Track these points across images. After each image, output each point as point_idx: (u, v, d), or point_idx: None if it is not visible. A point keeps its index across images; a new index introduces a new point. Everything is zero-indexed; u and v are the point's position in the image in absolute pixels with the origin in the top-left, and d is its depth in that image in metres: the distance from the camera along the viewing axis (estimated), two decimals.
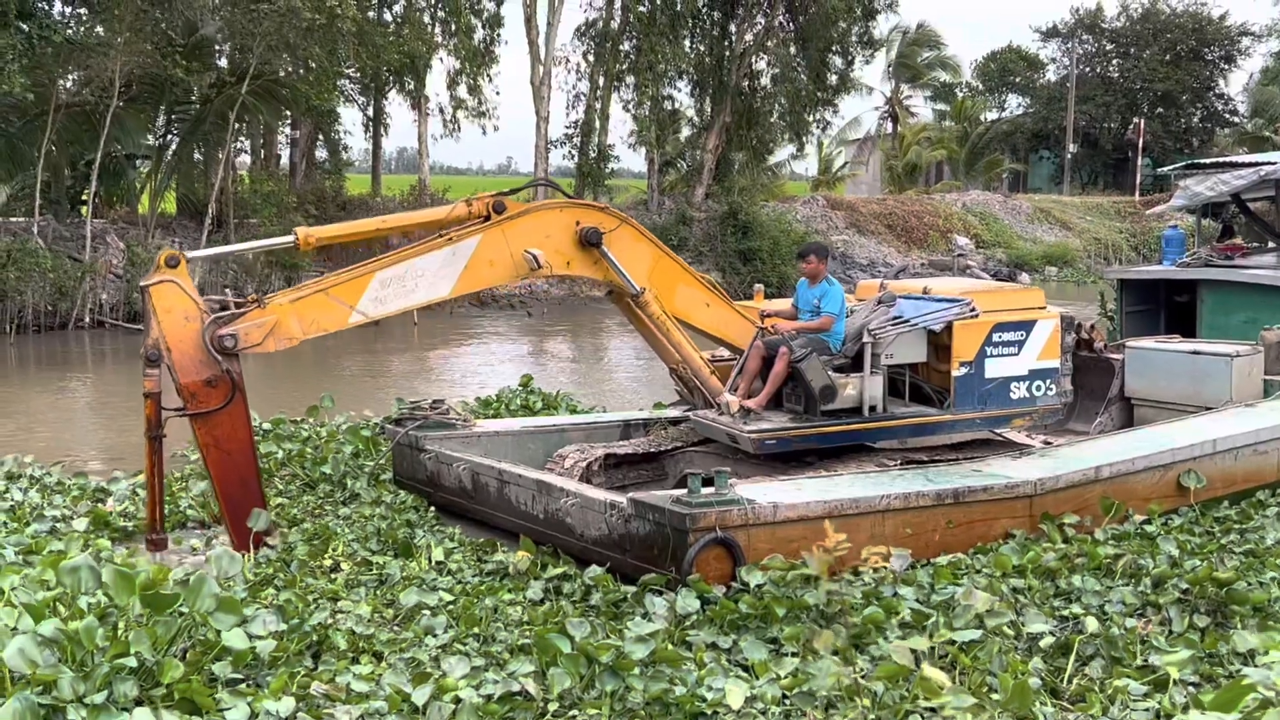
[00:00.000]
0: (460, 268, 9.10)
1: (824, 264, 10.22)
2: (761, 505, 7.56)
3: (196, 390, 8.04)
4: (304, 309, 8.52)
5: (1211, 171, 15.73)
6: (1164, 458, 9.67)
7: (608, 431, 11.17)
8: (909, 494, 8.23)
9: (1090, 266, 48.61)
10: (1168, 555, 7.82)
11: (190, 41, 28.85)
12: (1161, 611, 6.84)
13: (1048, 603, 6.96)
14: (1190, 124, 67.38)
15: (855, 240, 45.50)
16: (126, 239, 28.99)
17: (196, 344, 8.08)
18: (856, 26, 44.38)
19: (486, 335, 28.97)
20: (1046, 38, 72.00)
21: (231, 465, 8.24)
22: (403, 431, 10.34)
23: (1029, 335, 10.33)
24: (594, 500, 8.19)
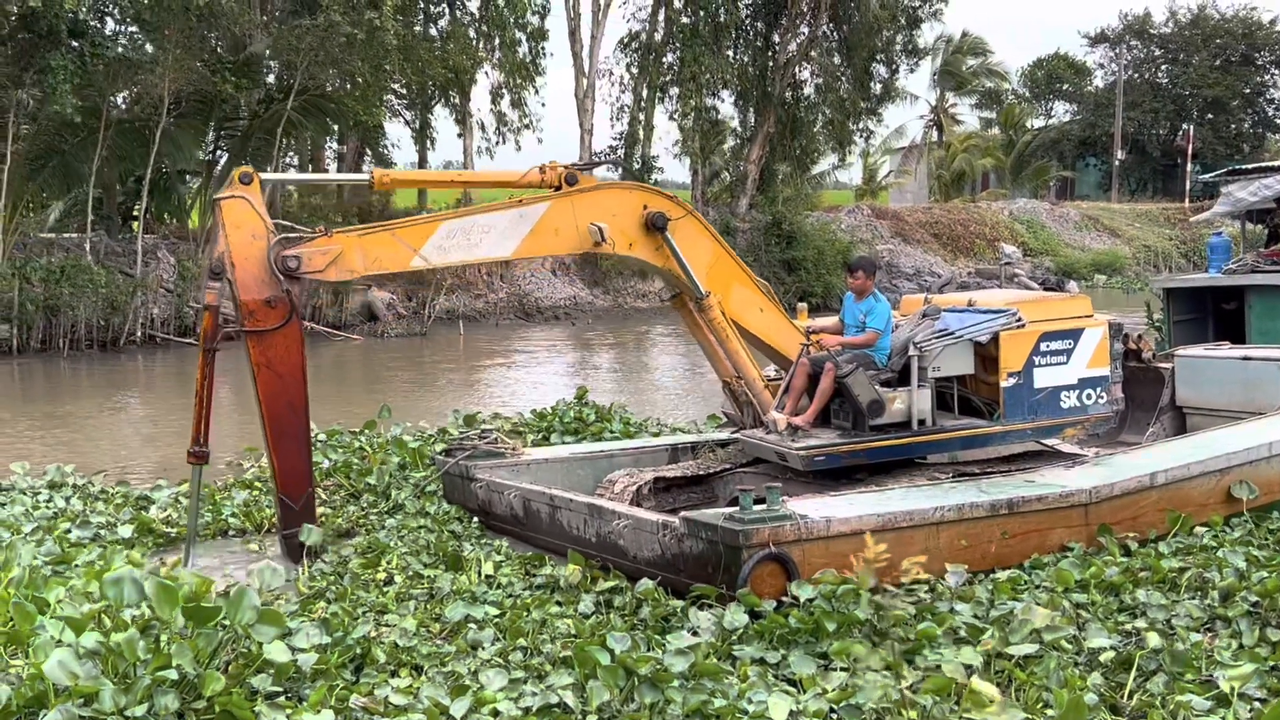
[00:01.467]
0: (525, 231, 9.15)
1: (871, 279, 10.12)
2: (814, 520, 7.46)
3: (256, 308, 8.11)
4: (369, 244, 8.63)
5: (1255, 176, 15.51)
6: (1219, 463, 9.47)
7: (655, 456, 11.12)
8: (963, 505, 8.09)
9: (1139, 274, 48.09)
10: (1234, 568, 7.63)
11: (239, 58, 29.15)
12: (1231, 625, 6.66)
13: (1111, 617, 6.80)
14: (1241, 130, 66.54)
15: (901, 249, 45.23)
16: (177, 254, 29.30)
17: (261, 262, 8.15)
18: (901, 35, 44.26)
19: (532, 346, 29.01)
20: (1094, 44, 71.38)
21: (281, 388, 8.26)
22: (452, 461, 10.34)
23: (1077, 343, 10.15)
24: (646, 521, 8.11)
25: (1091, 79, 73.62)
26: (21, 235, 26.99)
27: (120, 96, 28.85)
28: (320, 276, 8.38)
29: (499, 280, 35.71)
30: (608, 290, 37.69)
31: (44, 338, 26.01)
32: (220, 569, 8.64)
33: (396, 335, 29.51)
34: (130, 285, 27.30)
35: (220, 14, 25.83)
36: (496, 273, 35.80)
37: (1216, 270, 15.60)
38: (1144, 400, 12.70)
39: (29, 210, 28.89)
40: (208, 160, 32.85)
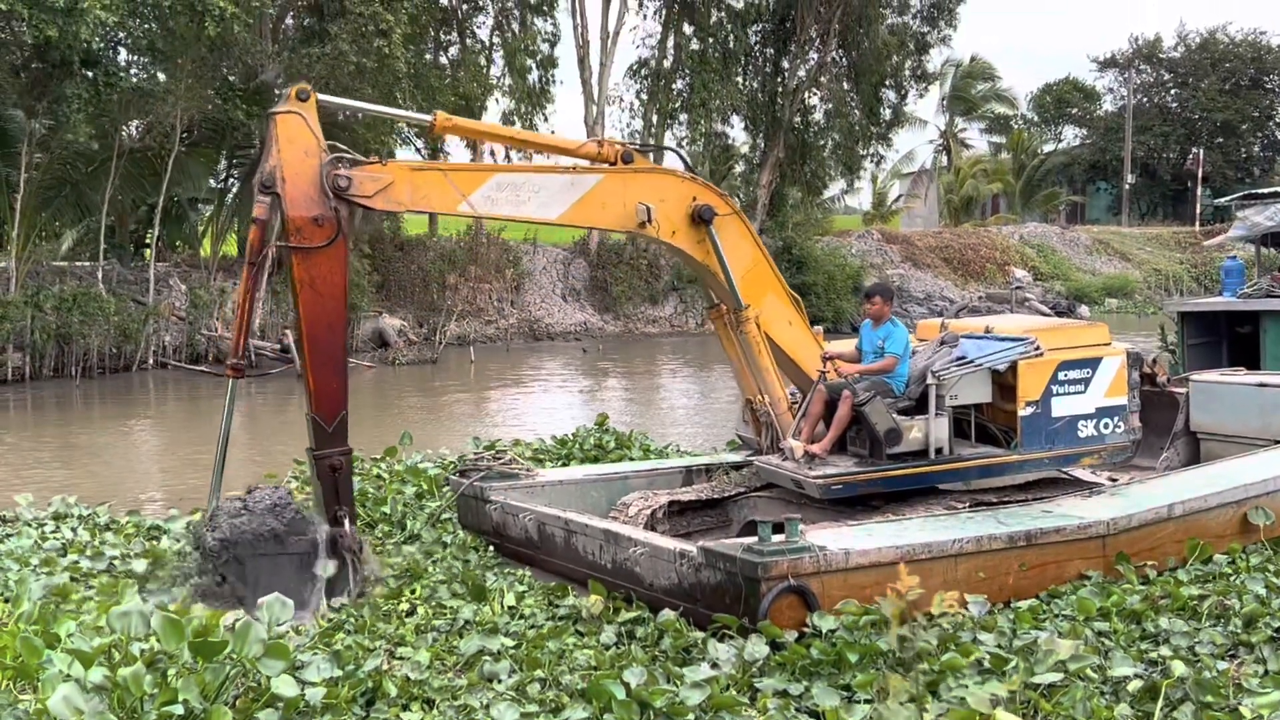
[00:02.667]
0: (575, 198, 9.17)
1: (889, 305, 10.07)
2: (833, 552, 7.39)
3: (303, 225, 8.11)
4: (420, 180, 8.65)
5: (1270, 201, 15.46)
6: (1237, 493, 9.39)
7: (670, 478, 11.05)
8: (981, 537, 8.02)
9: (1150, 298, 47.99)
10: (1255, 594, 7.56)
11: (251, 86, 29.27)
12: (1255, 651, 6.60)
13: (1134, 645, 6.73)
14: (1251, 153, 66.53)
15: (911, 274, 45.20)
16: (189, 282, 29.38)
17: (312, 180, 8.16)
18: (909, 61, 44.40)
19: (543, 372, 28.97)
20: (1104, 68, 71.53)
21: (321, 308, 8.22)
22: (467, 483, 10.28)
23: (1095, 372, 10.10)
24: (663, 549, 8.03)
25: (1100, 103, 73.72)
26: (34, 264, 27.07)
27: (133, 125, 28.98)
28: (367, 203, 8.36)
29: (509, 306, 35.74)
30: (618, 316, 37.70)
31: (56, 365, 26.06)
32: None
33: (407, 362, 29.49)
34: (142, 313, 27.36)
35: (232, 43, 25.92)
36: (507, 298, 35.83)
37: (1231, 294, 15.53)
38: (1158, 425, 12.61)
39: (41, 239, 28.98)
40: (219, 188, 32.97)
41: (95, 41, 23.39)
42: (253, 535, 7.86)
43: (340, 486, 8.21)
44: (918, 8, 43.31)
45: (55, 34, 21.88)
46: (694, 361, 31.41)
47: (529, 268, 37.36)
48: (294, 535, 7.98)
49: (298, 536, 7.99)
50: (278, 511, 7.99)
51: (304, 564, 7.96)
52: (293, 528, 7.99)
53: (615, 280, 38.09)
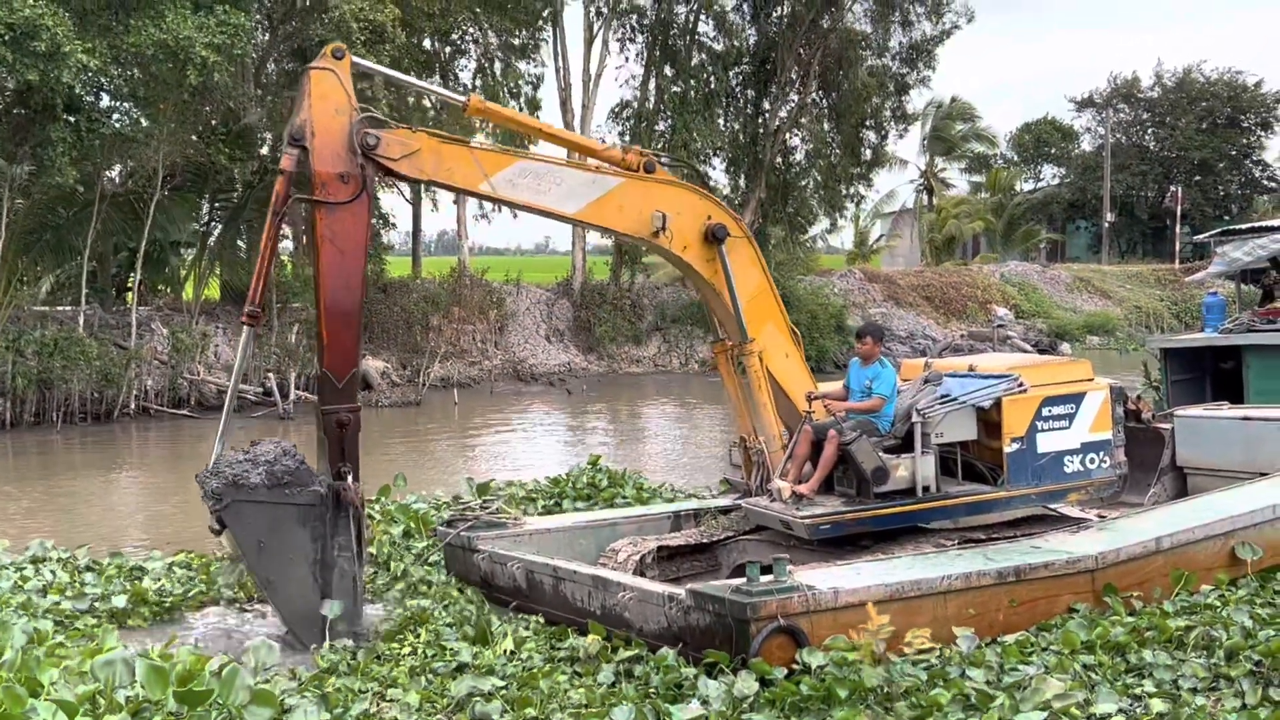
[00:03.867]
0: (594, 196, 9.33)
1: (879, 345, 10.15)
2: (822, 591, 7.38)
3: (329, 180, 8.25)
4: (447, 152, 8.78)
5: (1248, 236, 15.60)
6: (1223, 525, 9.43)
7: (658, 524, 11.03)
8: (970, 574, 8.03)
9: (1132, 334, 48.25)
10: (1240, 626, 7.58)
11: (233, 130, 29.32)
12: (1234, 684, 6.63)
13: (1120, 679, 6.75)
14: (1229, 191, 67.15)
15: (894, 312, 45.34)
16: (171, 326, 29.28)
17: (340, 137, 8.30)
18: (889, 102, 44.69)
19: (528, 413, 28.91)
20: (1081, 108, 72.21)
21: (341, 264, 8.37)
22: (454, 533, 10.24)
23: (1079, 408, 10.13)
24: (652, 593, 8.03)
25: (1079, 143, 74.41)
26: (15, 308, 26.96)
27: (115, 170, 28.96)
28: (393, 165, 8.50)
29: (493, 347, 35.71)
30: (601, 356, 37.70)
31: (37, 411, 25.87)
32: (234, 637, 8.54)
33: (391, 404, 29.41)
34: (124, 357, 27.24)
35: (214, 88, 25.98)
36: (491, 339, 35.81)
37: (1213, 330, 15.64)
38: (1144, 461, 12.66)
39: (22, 283, 28.88)
40: (202, 232, 32.94)
41: (77, 86, 23.41)
42: (255, 482, 7.89)
43: (346, 443, 8.29)
44: (897, 50, 43.71)
45: (37, 78, 21.89)
46: (678, 402, 31.41)
47: (512, 308, 37.38)
48: (297, 486, 8.02)
49: (300, 488, 8.03)
50: (281, 462, 8.03)
51: (305, 518, 8.03)
52: (296, 479, 8.04)
53: (599, 320, 38.13)
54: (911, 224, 67.69)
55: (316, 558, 8.05)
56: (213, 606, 9.64)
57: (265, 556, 7.95)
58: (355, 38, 25.63)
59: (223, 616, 9.32)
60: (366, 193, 8.35)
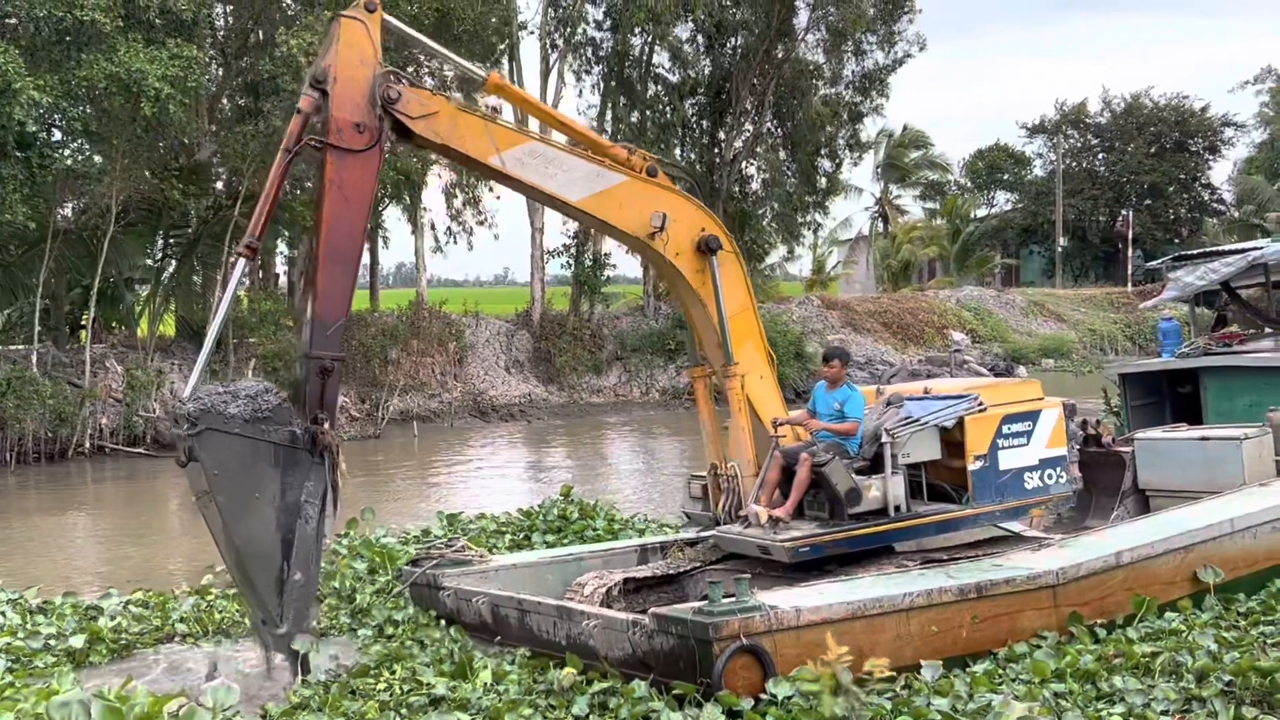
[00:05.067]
0: (598, 188, 9.33)
1: (846, 368, 10.23)
2: (784, 610, 7.37)
3: (344, 127, 8.19)
4: (463, 121, 8.81)
5: (1200, 261, 15.78)
6: (1182, 540, 9.51)
7: (625, 557, 11.02)
8: (932, 590, 8.05)
9: (1086, 358, 48.76)
10: (1207, 649, 7.62)
11: (187, 165, 29.14)
12: (1207, 705, 6.65)
13: (1090, 705, 6.75)
14: (1178, 214, 68.04)
15: (852, 339, 45.56)
16: (125, 363, 28.98)
17: (361, 87, 8.27)
18: (843, 130, 45.08)
19: (489, 446, 28.79)
20: (1032, 134, 73.10)
21: (345, 213, 8.27)
22: (419, 571, 10.18)
23: (1036, 425, 10.38)
24: (615, 620, 8.00)
25: (1031, 168, 75.25)
26: None
27: (68, 206, 28.69)
28: (410, 123, 8.46)
29: (452, 380, 35.56)
30: (562, 386, 37.62)
31: None
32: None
33: (350, 438, 29.19)
34: (78, 396, 26.91)
35: (168, 122, 25.84)
36: (450, 372, 35.66)
37: (1170, 354, 15.79)
38: (1107, 485, 12.79)
39: None
40: (156, 268, 32.66)
41: (29, 123, 23.21)
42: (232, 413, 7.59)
43: (327, 390, 8.11)
44: (850, 79, 44.13)
45: None
46: (640, 431, 31.38)
47: (471, 340, 37.26)
48: (275, 424, 7.76)
49: (278, 426, 7.77)
50: (263, 398, 7.79)
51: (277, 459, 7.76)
52: (276, 416, 7.78)
53: (559, 351, 38.07)
54: (867, 251, 68.20)
55: (283, 501, 7.75)
56: (170, 644, 9.50)
57: (230, 492, 7.57)
58: (305, 72, 25.55)
59: (181, 655, 9.18)
60: (379, 147, 8.33)
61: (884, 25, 42.55)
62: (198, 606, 10.26)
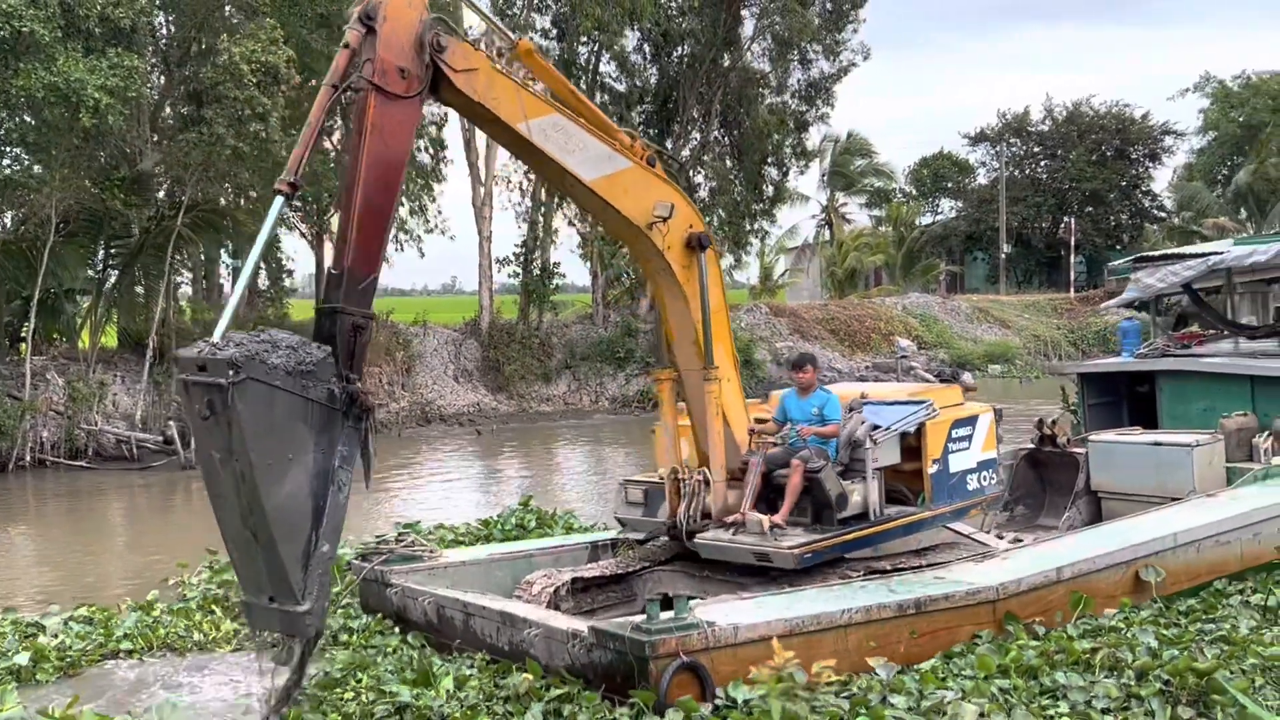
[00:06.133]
0: (609, 170, 9.16)
1: (817, 373, 10.35)
2: (722, 627, 7.38)
3: (389, 70, 7.73)
4: (499, 81, 8.45)
5: (1161, 264, 15.94)
6: (1125, 554, 9.65)
7: (575, 554, 11.01)
8: (870, 607, 8.11)
9: (1031, 363, 49.28)
10: (1146, 647, 7.72)
11: (129, 175, 28.77)
12: (1145, 703, 6.75)
13: (1035, 701, 6.82)
14: (1120, 221, 69.01)
15: (800, 346, 45.77)
16: (67, 375, 28.53)
17: (410, 30, 7.84)
18: (790, 139, 45.34)
19: (439, 456, 28.61)
20: (975, 143, 73.87)
21: (384, 159, 7.73)
22: (369, 566, 10.10)
23: (975, 429, 10.72)
24: (557, 630, 7.99)
25: (975, 176, 76.09)
26: None
27: (6, 217, 28.24)
28: (451, 74, 8.04)
29: (400, 389, 35.34)
30: (511, 395, 37.49)
31: None
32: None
33: None
34: (18, 409, 26.46)
35: (108, 132, 25.50)
36: (398, 381, 35.43)
37: (1129, 354, 15.94)
38: (1060, 484, 12.97)
39: None
40: (97, 279, 32.18)
41: None
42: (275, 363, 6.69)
43: (358, 349, 7.40)
44: (796, 87, 44.40)
45: None
46: (591, 439, 31.35)
47: (419, 349, 37.04)
48: (315, 379, 6.90)
49: (317, 383, 6.91)
50: (304, 349, 6.92)
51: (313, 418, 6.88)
52: (317, 372, 6.92)
53: (507, 360, 37.94)
54: (814, 258, 68.57)
55: (318, 466, 6.90)
56: (114, 660, 9.36)
57: (263, 451, 6.59)
58: (248, 80, 25.35)
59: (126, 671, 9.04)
60: (420, 99, 7.95)
61: (829, 35, 42.87)
62: (142, 622, 10.11)
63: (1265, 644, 7.99)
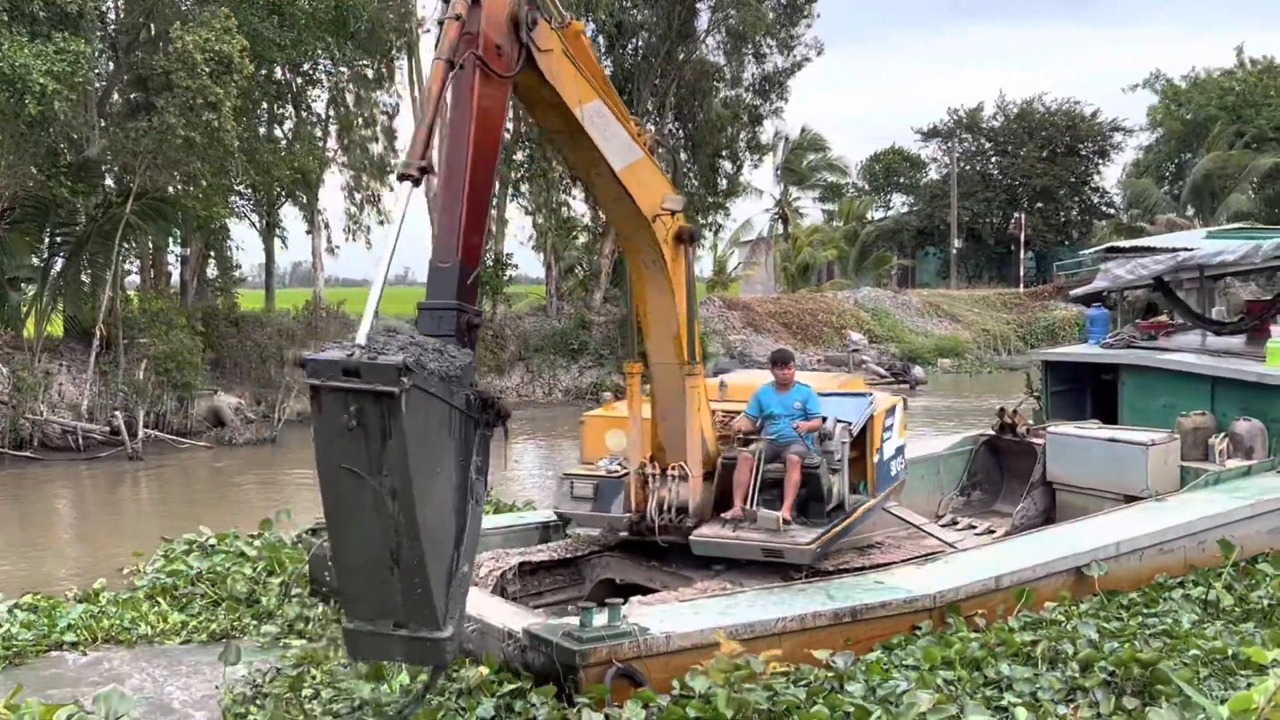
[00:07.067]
0: (631, 160, 9.01)
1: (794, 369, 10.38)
2: (654, 636, 7.37)
3: (489, 46, 7.25)
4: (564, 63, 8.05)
5: (1132, 255, 16.06)
6: (1067, 563, 9.71)
7: (526, 534, 10.97)
8: (805, 615, 8.12)
9: (980, 357, 49.69)
10: (1088, 639, 7.81)
11: (75, 162, 28.35)
12: (1089, 694, 6.83)
13: (979, 692, 6.89)
14: (1069, 217, 69.73)
15: (753, 339, 45.93)
16: (11, 364, 28.08)
17: (507, 5, 7.41)
18: (744, 132, 45.41)
19: None
20: (927, 138, 74.34)
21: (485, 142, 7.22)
22: (319, 543, 10.03)
23: (894, 419, 11.06)
24: (493, 628, 7.96)
25: (927, 171, 76.58)
26: None
27: None
28: (537, 54, 7.64)
29: None
30: None
31: None
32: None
33: (245, 441, 28.63)
34: None
35: (54, 118, 25.09)
36: None
37: (1096, 342, 15.99)
38: (1019, 472, 13.12)
39: None
40: (42, 267, 31.69)
41: None
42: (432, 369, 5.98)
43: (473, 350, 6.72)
44: (750, 81, 44.50)
45: None
46: (545, 431, 31.26)
47: None
48: (459, 385, 6.21)
49: (460, 388, 6.22)
50: (449, 352, 6.22)
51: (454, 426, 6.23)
52: (463, 375, 6.24)
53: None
54: (768, 252, 68.79)
55: (457, 480, 6.30)
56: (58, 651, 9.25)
57: (419, 467, 5.90)
58: (201, 69, 25.05)
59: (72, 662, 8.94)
60: (510, 81, 7.44)
61: (783, 29, 42.97)
62: (87, 612, 10.00)
63: (1208, 637, 8.10)
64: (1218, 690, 7.01)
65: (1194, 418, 13.09)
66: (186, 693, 8.15)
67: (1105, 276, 16.30)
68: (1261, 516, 11.07)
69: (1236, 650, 7.55)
